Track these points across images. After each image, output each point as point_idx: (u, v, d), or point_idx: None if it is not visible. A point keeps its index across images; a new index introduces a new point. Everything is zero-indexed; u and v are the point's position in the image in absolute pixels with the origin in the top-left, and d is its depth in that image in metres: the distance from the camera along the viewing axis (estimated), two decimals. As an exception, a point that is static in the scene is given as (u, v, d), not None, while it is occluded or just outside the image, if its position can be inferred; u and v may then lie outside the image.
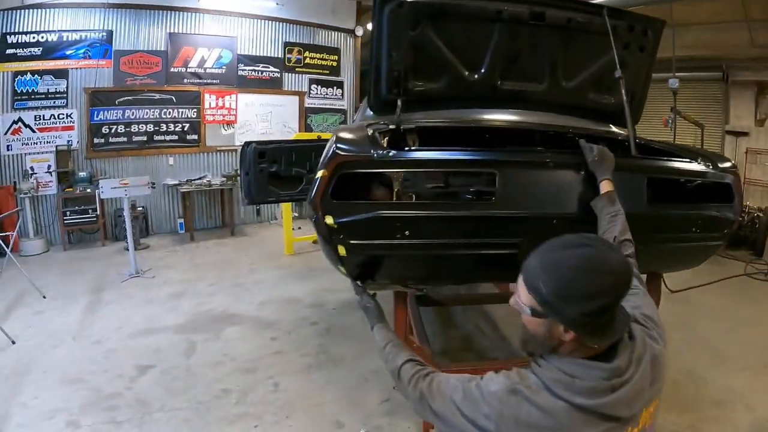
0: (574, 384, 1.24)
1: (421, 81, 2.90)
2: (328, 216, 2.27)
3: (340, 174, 2.27)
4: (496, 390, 1.30)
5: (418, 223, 2.34)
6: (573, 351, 1.30)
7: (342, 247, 2.33)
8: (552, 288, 1.25)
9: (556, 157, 2.58)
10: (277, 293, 5.92)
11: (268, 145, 4.24)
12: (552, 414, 1.23)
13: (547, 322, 1.28)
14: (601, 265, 1.25)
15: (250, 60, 9.15)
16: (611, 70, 2.99)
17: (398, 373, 1.63)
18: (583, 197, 2.45)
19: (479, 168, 2.64)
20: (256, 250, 7.83)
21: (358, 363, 4.24)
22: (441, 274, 2.77)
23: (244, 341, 4.63)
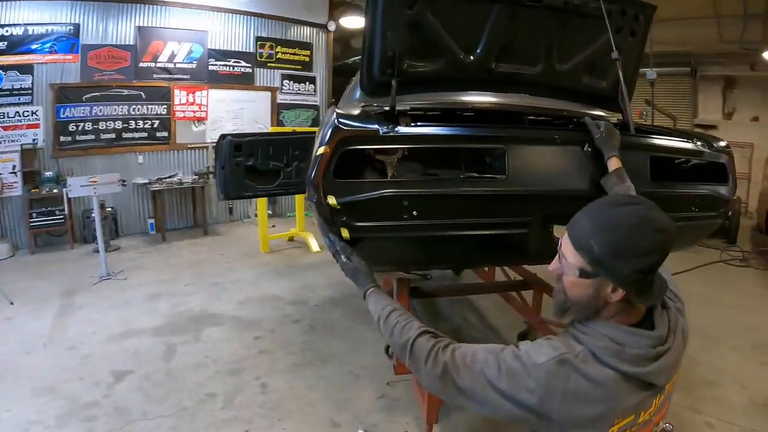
0: (624, 351, 1.24)
1: (416, 62, 2.78)
2: (331, 196, 2.14)
3: (343, 151, 2.16)
4: (544, 361, 1.25)
5: (428, 203, 2.23)
6: (615, 315, 1.30)
7: (345, 229, 2.19)
8: (606, 246, 1.23)
9: (564, 133, 2.58)
10: (257, 291, 5.76)
11: (245, 137, 4.11)
12: (601, 383, 1.22)
13: (595, 282, 1.27)
14: (653, 222, 1.24)
15: (221, 55, 8.92)
16: (604, 54, 2.98)
17: (410, 348, 1.45)
18: (592, 174, 2.45)
19: (489, 144, 2.55)
20: (232, 249, 7.65)
21: (347, 359, 4.13)
22: (448, 256, 2.67)
23: (226, 342, 4.46)
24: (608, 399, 1.23)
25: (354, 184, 2.20)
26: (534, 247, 2.51)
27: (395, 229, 2.23)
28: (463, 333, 4.79)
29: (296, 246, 7.94)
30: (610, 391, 1.23)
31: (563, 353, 1.26)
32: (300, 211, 8.09)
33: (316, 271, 6.66)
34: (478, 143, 2.58)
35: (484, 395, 1.30)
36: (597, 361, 1.24)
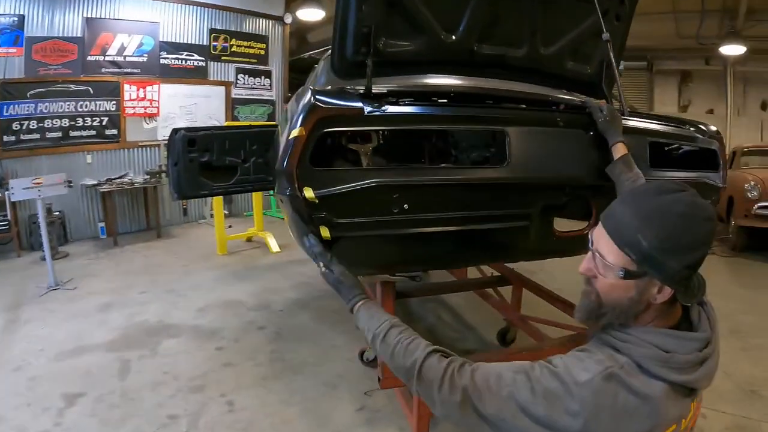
0: (672, 359, 1.09)
1: (393, 40, 2.53)
2: (307, 188, 1.82)
3: (321, 133, 1.86)
4: (588, 379, 1.08)
5: (421, 194, 1.98)
6: (655, 318, 1.17)
7: (325, 227, 1.88)
8: (656, 239, 1.08)
9: (566, 116, 2.38)
10: (216, 297, 5.41)
11: (199, 131, 3.77)
12: (649, 398, 1.07)
13: (640, 283, 1.12)
14: (702, 210, 1.10)
15: (174, 48, 8.50)
16: (590, 37, 2.92)
17: (418, 371, 1.24)
18: (595, 160, 2.29)
19: (488, 126, 2.34)
20: (188, 252, 7.27)
21: (320, 368, 3.86)
22: (441, 255, 2.38)
23: (185, 355, 4.09)
24: (656, 413, 1.08)
25: (335, 173, 1.93)
26: (535, 241, 2.32)
27: (383, 225, 1.96)
28: (438, 333, 4.60)
29: (255, 246, 7.64)
30: (657, 404, 1.08)
31: (609, 367, 1.09)
32: (258, 209, 7.81)
33: (277, 272, 6.39)
34: (477, 124, 2.34)
35: (514, 424, 1.11)
36: (643, 373, 1.09)
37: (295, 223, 2.03)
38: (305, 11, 9.51)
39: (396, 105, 2.04)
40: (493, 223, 2.16)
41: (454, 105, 2.32)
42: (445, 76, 2.94)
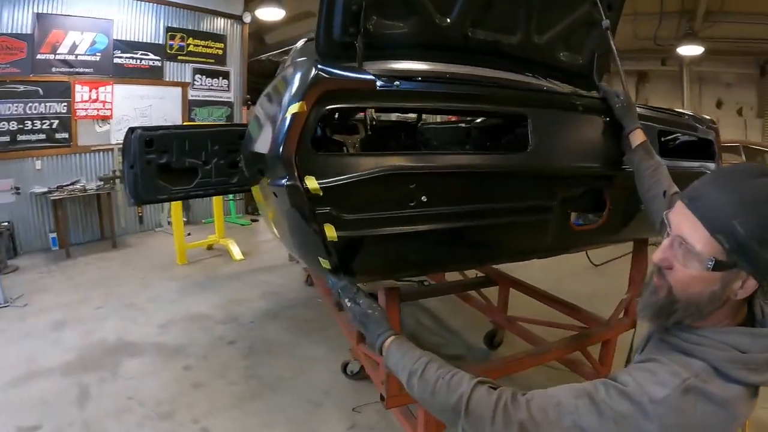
0: (750, 359, 1.00)
1: (384, 21, 2.32)
2: (310, 177, 1.53)
3: (326, 111, 1.59)
4: (666, 396, 0.97)
5: (440, 185, 1.75)
6: (729, 315, 1.07)
7: (330, 226, 1.59)
8: (756, 228, 0.96)
9: (585, 100, 2.26)
10: (179, 310, 5.04)
11: (157, 131, 3.48)
12: (727, 404, 0.99)
13: (728, 275, 1.01)
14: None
15: (128, 46, 8.00)
16: (582, 27, 2.83)
17: (466, 406, 1.11)
18: (615, 147, 2.18)
19: (508, 107, 2.16)
20: (145, 263, 6.83)
21: (300, 384, 3.60)
22: (456, 254, 2.11)
23: (150, 376, 3.73)
24: (733, 419, 1.00)
25: (342, 159, 1.67)
26: (554, 237, 2.15)
27: (399, 221, 1.69)
28: (420, 338, 4.40)
29: (216, 255, 7.26)
30: (735, 410, 1.00)
31: (686, 378, 0.98)
32: (219, 215, 7.45)
33: (242, 281, 6.07)
34: (498, 105, 2.16)
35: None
36: (720, 377, 1.00)
37: (291, 222, 1.73)
38: (265, 10, 9.20)
39: (410, 81, 1.81)
40: (516, 216, 1.98)
41: (472, 83, 2.12)
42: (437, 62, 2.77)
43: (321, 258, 1.69)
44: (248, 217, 10.08)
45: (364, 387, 3.54)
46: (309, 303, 5.30)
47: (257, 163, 1.94)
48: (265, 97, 2.25)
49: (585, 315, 3.38)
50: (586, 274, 5.88)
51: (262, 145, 1.88)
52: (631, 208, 2.41)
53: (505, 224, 1.97)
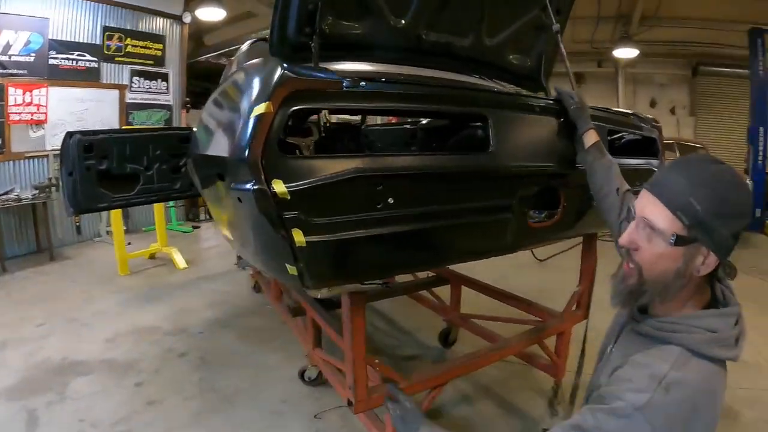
0: (721, 337, 1.13)
1: (340, 22, 2.31)
2: (277, 180, 1.48)
3: (292, 110, 1.52)
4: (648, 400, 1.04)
5: (408, 186, 1.74)
6: (693, 296, 1.19)
7: (299, 231, 1.54)
8: (711, 203, 1.10)
9: (541, 102, 2.32)
10: (126, 324, 4.80)
11: (96, 135, 3.36)
12: (707, 381, 1.10)
13: (689, 250, 1.13)
14: (745, 184, 1.17)
15: (64, 47, 7.60)
16: (530, 30, 2.96)
17: None
18: (569, 147, 2.26)
19: (470, 109, 2.16)
20: (86, 275, 6.50)
21: (258, 394, 3.50)
22: (420, 255, 2.10)
23: (101, 396, 3.50)
24: (715, 394, 1.12)
25: (309, 161, 1.63)
26: (514, 234, 2.20)
27: (366, 224, 1.67)
28: (376, 341, 4.39)
29: (160, 264, 7.01)
30: (714, 385, 1.12)
31: (664, 376, 1.06)
32: (160, 223, 7.19)
33: (188, 290, 5.89)
34: (459, 107, 2.16)
35: None
36: (698, 358, 1.10)
37: (254, 228, 1.67)
38: (205, 10, 9.02)
39: (373, 82, 1.78)
40: (480, 215, 2.02)
41: (435, 86, 2.13)
42: (391, 64, 2.74)
43: (288, 265, 1.64)
44: (190, 224, 9.81)
45: (323, 393, 3.49)
46: (258, 310, 5.20)
47: (214, 167, 1.87)
48: (217, 98, 2.19)
49: (538, 309, 3.46)
50: (530, 269, 6.00)
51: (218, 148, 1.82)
52: (583, 205, 2.51)
53: (469, 223, 2.00)
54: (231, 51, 12.26)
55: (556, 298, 3.44)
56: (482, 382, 3.67)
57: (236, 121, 1.61)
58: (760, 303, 5.39)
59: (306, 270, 1.65)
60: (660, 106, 13.71)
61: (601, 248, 3.30)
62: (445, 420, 3.19)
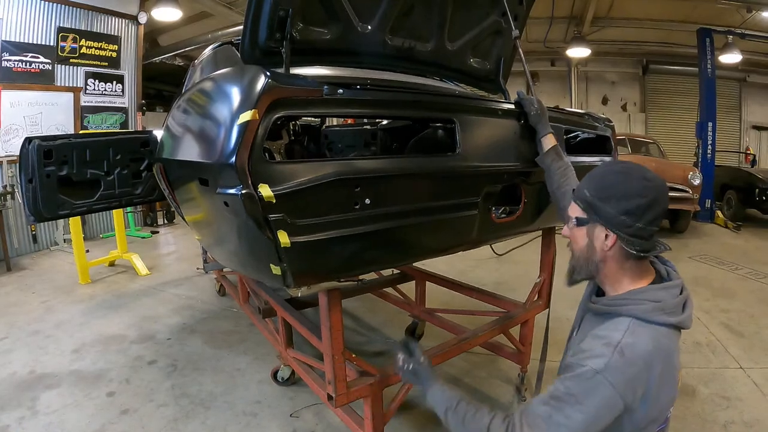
0: (665, 305, 1.36)
1: (309, 27, 2.38)
2: (264, 185, 1.54)
3: (276, 116, 1.58)
4: (606, 363, 1.26)
5: (383, 186, 1.83)
6: (627, 277, 1.44)
7: (284, 232, 1.60)
8: (595, 190, 1.43)
9: (503, 105, 2.43)
10: (91, 333, 4.70)
11: (56, 140, 3.28)
12: (656, 342, 1.30)
13: (590, 228, 1.45)
14: (639, 171, 1.41)
15: (17, 48, 7.38)
16: (489, 35, 3.13)
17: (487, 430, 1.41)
18: (528, 148, 2.42)
19: (439, 113, 2.27)
20: (45, 285, 6.31)
21: (232, 397, 3.50)
22: (395, 252, 2.18)
23: (73, 408, 3.41)
24: (667, 353, 1.32)
25: (293, 166, 1.69)
26: (480, 229, 2.33)
27: (345, 224, 1.75)
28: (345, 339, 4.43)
29: (120, 271, 6.88)
30: (665, 345, 1.32)
31: (618, 342, 1.29)
32: (120, 229, 7.05)
33: (151, 297, 5.81)
34: (429, 111, 2.26)
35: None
36: (648, 324, 1.33)
37: (241, 229, 1.73)
38: (161, 10, 8.85)
39: (350, 89, 1.84)
40: (447, 213, 2.13)
41: (408, 91, 2.22)
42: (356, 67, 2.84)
43: (272, 265, 1.71)
44: (148, 229, 9.65)
45: (296, 392, 3.53)
46: (224, 314, 5.19)
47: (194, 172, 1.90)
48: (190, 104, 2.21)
49: (501, 300, 3.58)
50: (489, 263, 6.21)
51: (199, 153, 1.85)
52: (542, 201, 2.67)
53: (439, 220, 2.11)
54: (186, 52, 12.17)
55: (515, 290, 3.56)
56: (451, 373, 3.78)
57: (220, 127, 1.67)
58: (712, 288, 5.81)
59: (290, 270, 1.72)
60: (612, 103, 14.21)
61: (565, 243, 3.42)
62: (415, 412, 3.27)
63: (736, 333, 4.54)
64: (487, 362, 3.92)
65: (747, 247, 8.28)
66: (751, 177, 9.96)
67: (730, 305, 5.23)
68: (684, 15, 10.58)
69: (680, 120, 13.93)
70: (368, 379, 2.42)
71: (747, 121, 14.41)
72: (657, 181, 1.40)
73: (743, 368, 3.87)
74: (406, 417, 3.21)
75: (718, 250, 7.87)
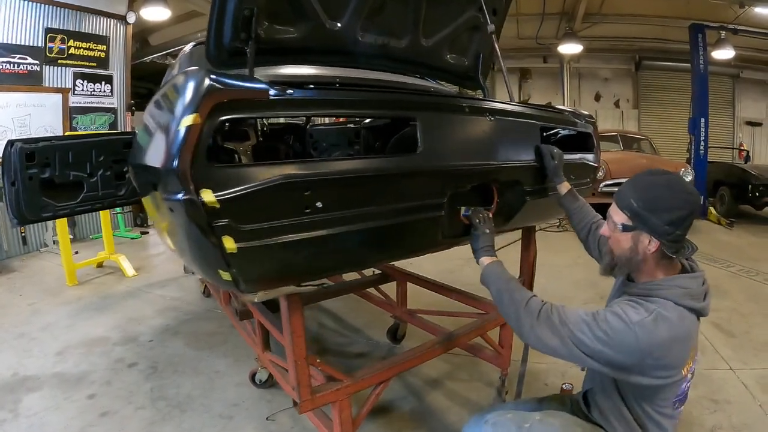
0: (692, 292, 1.61)
1: (275, 26, 2.31)
2: (206, 190, 1.48)
3: (219, 122, 1.51)
4: (640, 319, 1.52)
5: (336, 189, 1.75)
6: (660, 270, 1.67)
7: (229, 238, 1.55)
8: (643, 201, 1.61)
9: (471, 102, 2.35)
10: (76, 336, 4.68)
11: (38, 143, 3.16)
12: (682, 320, 1.56)
13: (635, 235, 1.64)
14: (682, 185, 1.64)
15: (5, 50, 7.33)
16: (467, 30, 3.08)
17: (527, 303, 1.69)
18: (500, 146, 2.38)
19: (398, 111, 2.18)
20: (33, 287, 6.28)
21: (209, 400, 3.48)
22: (355, 256, 2.12)
23: (54, 411, 3.40)
24: (688, 332, 1.58)
25: (237, 170, 1.60)
26: (447, 230, 2.25)
27: (296, 228, 1.67)
28: (326, 340, 4.45)
29: (108, 272, 6.84)
30: (689, 327, 1.58)
31: (653, 309, 1.53)
32: (107, 230, 6.99)
33: (137, 298, 5.78)
34: (388, 110, 2.18)
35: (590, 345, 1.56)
36: (679, 306, 1.56)
37: (188, 236, 1.66)
38: (149, 10, 8.82)
39: (302, 89, 1.77)
40: (410, 215, 2.05)
41: (363, 90, 2.14)
42: (329, 67, 2.80)
43: (221, 271, 1.66)
44: (138, 230, 9.60)
45: (274, 395, 3.50)
46: (208, 315, 5.15)
47: (149, 176, 1.88)
48: (154, 105, 2.18)
49: (480, 302, 3.50)
50: (475, 262, 6.16)
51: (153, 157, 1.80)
52: (517, 200, 2.59)
53: (399, 224, 2.02)
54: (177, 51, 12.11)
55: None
56: (431, 375, 3.74)
57: (167, 131, 1.60)
58: None
59: (240, 275, 1.67)
60: (605, 100, 14.21)
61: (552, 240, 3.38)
62: (395, 414, 3.25)
63: (727, 332, 4.51)
64: (470, 364, 3.88)
65: (740, 244, 8.26)
66: (745, 173, 9.93)
67: (721, 304, 5.14)
68: (677, 11, 10.56)
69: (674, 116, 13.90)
70: (335, 385, 2.36)
71: (740, 117, 14.44)
72: (695, 194, 1.64)
73: (733, 369, 3.83)
74: (381, 421, 3.19)
75: (711, 247, 7.77)
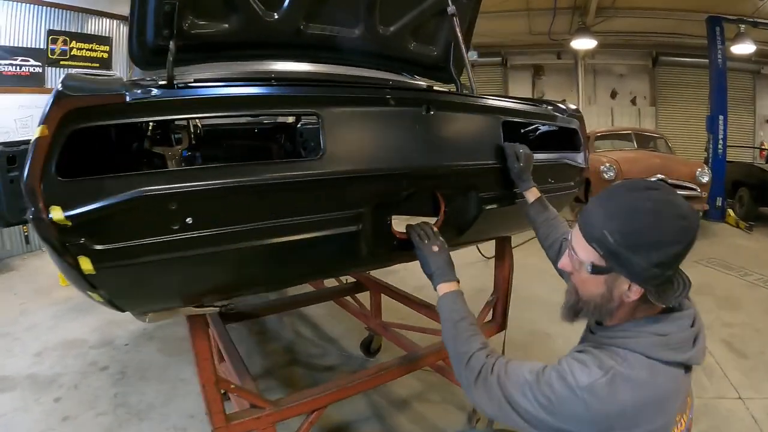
0: (671, 339, 1.17)
1: (201, 20, 2.12)
2: (55, 207, 1.32)
3: (71, 131, 1.35)
4: (590, 383, 1.13)
5: (208, 204, 1.51)
6: (632, 310, 1.23)
7: (86, 258, 1.38)
8: (621, 236, 1.13)
9: (400, 93, 1.95)
10: (56, 337, 4.67)
11: (19, 146, 3.17)
12: (656, 382, 1.13)
13: (609, 278, 1.18)
14: (673, 207, 1.14)
15: (7, 52, 7.40)
16: (434, 16, 2.74)
17: (468, 360, 1.39)
18: (445, 145, 1.99)
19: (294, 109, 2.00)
20: (27, 287, 6.32)
21: (167, 409, 3.41)
22: (248, 278, 1.88)
23: (21, 413, 3.40)
24: (664, 397, 1.15)
25: (88, 183, 1.39)
26: (370, 247, 1.90)
27: (163, 248, 1.46)
28: (298, 350, 4.32)
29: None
30: (663, 386, 1.15)
31: (611, 367, 1.14)
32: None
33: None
34: (279, 107, 1.91)
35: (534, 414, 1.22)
36: (649, 359, 1.15)
37: (50, 255, 1.47)
38: (153, 9, 8.84)
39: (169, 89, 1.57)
40: (309, 232, 1.71)
41: (250, 85, 1.86)
42: (267, 62, 2.60)
43: (89, 292, 1.49)
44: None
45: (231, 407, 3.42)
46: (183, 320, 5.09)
47: None
48: None
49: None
50: (474, 268, 5.96)
51: None
52: (471, 209, 2.21)
53: (301, 241, 1.71)
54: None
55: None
56: (401, 395, 3.55)
57: None
58: (715, 297, 5.32)
59: (111, 297, 1.51)
60: (621, 97, 13.81)
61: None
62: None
63: (738, 352, 4.13)
64: (443, 384, 3.54)
65: (758, 249, 7.77)
66: (765, 174, 9.44)
67: (734, 318, 4.80)
68: (693, 3, 10.19)
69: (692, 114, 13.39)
70: (254, 412, 2.19)
71: (761, 116, 13.78)
72: (692, 218, 1.14)
73: (742, 398, 3.46)
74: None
75: (727, 252, 7.33)
